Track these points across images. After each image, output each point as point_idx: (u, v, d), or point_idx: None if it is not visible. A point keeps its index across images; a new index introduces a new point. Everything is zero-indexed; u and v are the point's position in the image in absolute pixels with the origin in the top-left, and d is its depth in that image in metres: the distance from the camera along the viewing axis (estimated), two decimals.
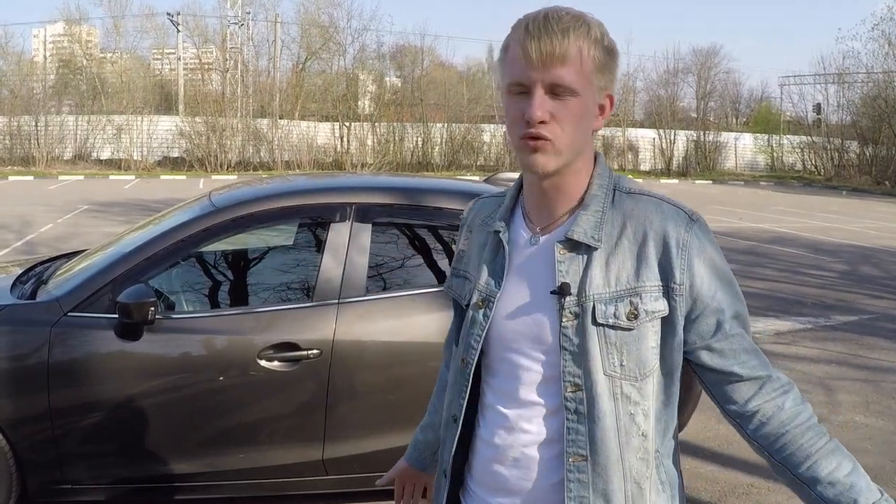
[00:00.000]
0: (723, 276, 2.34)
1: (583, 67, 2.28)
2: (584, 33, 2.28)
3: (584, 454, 2.31)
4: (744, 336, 2.35)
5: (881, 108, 54.04)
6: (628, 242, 2.33)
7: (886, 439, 8.17)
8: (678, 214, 2.34)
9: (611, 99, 2.39)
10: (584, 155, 2.39)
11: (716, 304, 2.32)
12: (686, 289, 2.30)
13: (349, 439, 5.87)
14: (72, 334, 5.60)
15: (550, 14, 2.29)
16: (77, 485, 5.73)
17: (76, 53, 58.90)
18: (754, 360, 2.35)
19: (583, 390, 2.32)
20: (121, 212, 25.83)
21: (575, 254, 2.35)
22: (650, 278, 2.30)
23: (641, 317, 2.30)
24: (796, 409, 2.36)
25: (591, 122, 2.35)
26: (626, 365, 2.31)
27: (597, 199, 2.37)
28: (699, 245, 2.31)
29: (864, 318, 13.53)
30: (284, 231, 7.06)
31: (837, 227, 27.26)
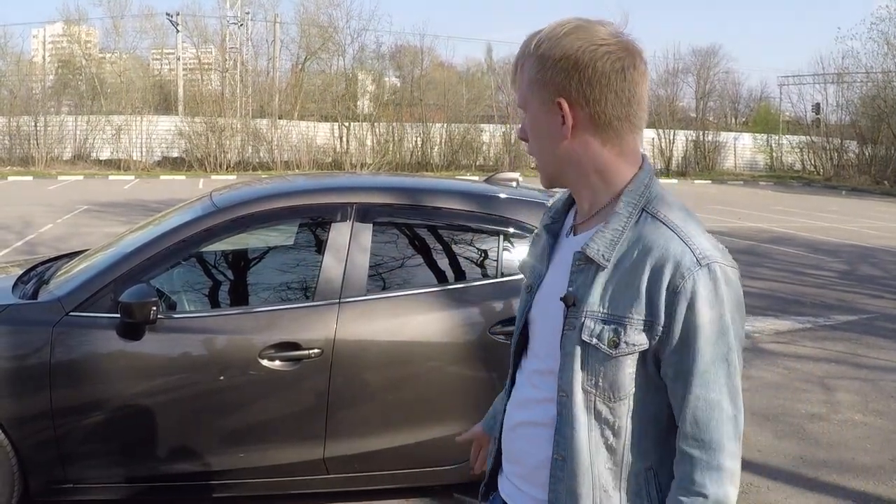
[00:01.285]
0: (700, 334, 2.26)
1: (522, 85, 2.45)
2: (522, 53, 2.43)
3: (563, 455, 2.43)
4: (703, 402, 2.29)
5: (880, 107, 54.04)
6: (631, 268, 2.33)
7: (885, 438, 8.20)
8: (683, 256, 2.28)
9: (560, 105, 2.37)
10: (576, 168, 2.44)
11: (683, 355, 2.29)
12: (664, 332, 2.29)
13: (350, 438, 5.89)
14: (74, 334, 5.62)
15: (521, 45, 2.46)
16: (79, 484, 5.75)
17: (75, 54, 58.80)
18: (701, 433, 2.29)
19: (566, 397, 2.41)
20: (121, 212, 25.84)
21: (587, 267, 2.40)
22: (638, 311, 2.31)
23: (621, 347, 2.32)
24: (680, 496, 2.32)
25: (548, 133, 2.43)
26: (601, 385, 2.37)
27: (618, 218, 2.38)
28: (691, 294, 2.25)
29: (864, 318, 13.56)
30: (285, 231, 7.08)
31: (837, 227, 27.27)
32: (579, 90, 2.35)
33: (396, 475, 6.11)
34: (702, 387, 2.27)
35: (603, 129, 2.38)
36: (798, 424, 8.50)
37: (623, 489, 2.41)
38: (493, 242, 6.32)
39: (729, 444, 2.28)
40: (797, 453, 7.76)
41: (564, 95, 2.36)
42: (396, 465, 6.02)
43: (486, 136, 53.97)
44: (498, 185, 7.06)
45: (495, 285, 6.18)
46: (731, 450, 2.29)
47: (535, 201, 6.61)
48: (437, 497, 6.51)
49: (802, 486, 7.07)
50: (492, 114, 57.70)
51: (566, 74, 2.34)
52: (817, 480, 7.18)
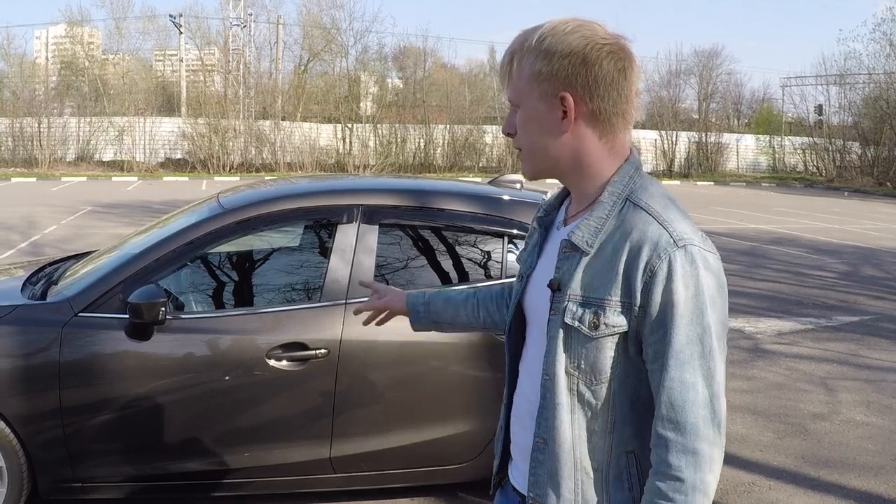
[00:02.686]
0: (676, 314, 2.30)
1: (518, 80, 2.51)
2: (519, 47, 2.50)
3: (545, 437, 2.50)
4: (677, 383, 2.31)
5: (883, 109, 54.00)
6: (611, 253, 2.39)
7: (887, 438, 8.24)
8: (660, 237, 2.34)
9: (565, 99, 2.44)
10: (572, 161, 2.52)
11: (660, 335, 2.32)
12: (641, 312, 2.34)
13: (356, 438, 5.93)
14: (82, 334, 5.67)
15: (512, 40, 2.55)
16: (87, 483, 5.79)
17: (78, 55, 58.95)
18: (676, 415, 2.31)
19: (549, 379, 2.49)
20: (125, 213, 25.88)
21: (572, 254, 2.47)
22: (616, 293, 2.36)
23: (601, 329, 2.38)
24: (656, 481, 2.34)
25: (545, 127, 2.49)
26: (583, 367, 2.43)
27: (603, 206, 2.45)
28: (666, 274, 2.30)
29: (866, 319, 13.58)
30: (292, 232, 7.13)
31: (839, 228, 27.27)
32: (585, 86, 2.42)
33: (402, 474, 6.15)
34: (676, 368, 2.30)
35: (601, 124, 2.47)
36: (800, 424, 8.55)
37: (604, 472, 2.46)
38: (497, 244, 6.36)
39: (705, 428, 2.30)
40: (799, 453, 7.80)
41: (569, 90, 2.43)
42: (402, 464, 6.06)
43: (488, 137, 53.96)
44: (502, 187, 7.10)
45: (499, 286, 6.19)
46: (708, 435, 2.30)
47: (538, 203, 6.65)
48: (442, 496, 6.55)
49: (804, 485, 7.11)
50: (494, 115, 57.67)
51: (573, 70, 2.41)
52: (819, 480, 7.22)
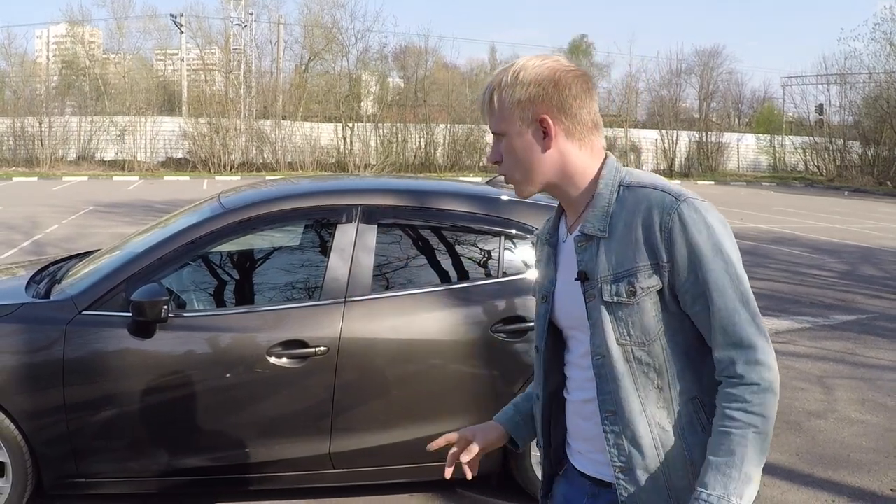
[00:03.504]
0: (702, 256, 2.57)
1: (502, 112, 2.78)
2: (497, 83, 2.78)
3: (612, 409, 2.70)
4: (723, 311, 2.56)
5: (883, 108, 54.03)
6: (625, 230, 2.65)
7: (881, 435, 8.30)
8: (663, 199, 2.63)
9: (543, 121, 2.72)
10: (561, 172, 2.79)
11: (692, 279, 2.58)
12: (670, 265, 2.60)
13: (355, 434, 6.00)
14: (86, 332, 5.74)
15: (490, 79, 2.83)
16: (90, 478, 5.86)
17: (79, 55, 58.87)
18: (731, 337, 2.55)
19: (603, 357, 2.69)
20: (126, 212, 25.93)
21: (589, 245, 2.73)
22: (642, 259, 2.62)
23: (638, 293, 2.62)
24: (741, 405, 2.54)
25: (528, 150, 2.77)
26: (633, 333, 2.65)
27: (602, 197, 2.73)
28: (680, 226, 2.57)
29: (863, 318, 13.63)
30: (292, 232, 7.20)
31: (839, 228, 27.31)
32: (560, 106, 2.73)
33: (401, 470, 6.21)
34: (718, 298, 2.56)
35: (577, 137, 2.77)
36: (795, 422, 8.61)
37: (676, 422, 2.67)
38: (494, 243, 6.43)
39: (759, 341, 2.55)
40: (794, 450, 7.86)
41: (547, 112, 2.72)
42: (401, 460, 6.12)
43: (489, 136, 53.80)
44: (499, 188, 7.15)
45: (497, 285, 6.29)
46: (763, 346, 2.55)
47: (535, 203, 6.72)
48: (441, 492, 6.62)
49: (798, 482, 7.16)
50: None
51: (547, 94, 2.71)
52: (813, 476, 7.28)
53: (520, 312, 6.14)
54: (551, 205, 6.76)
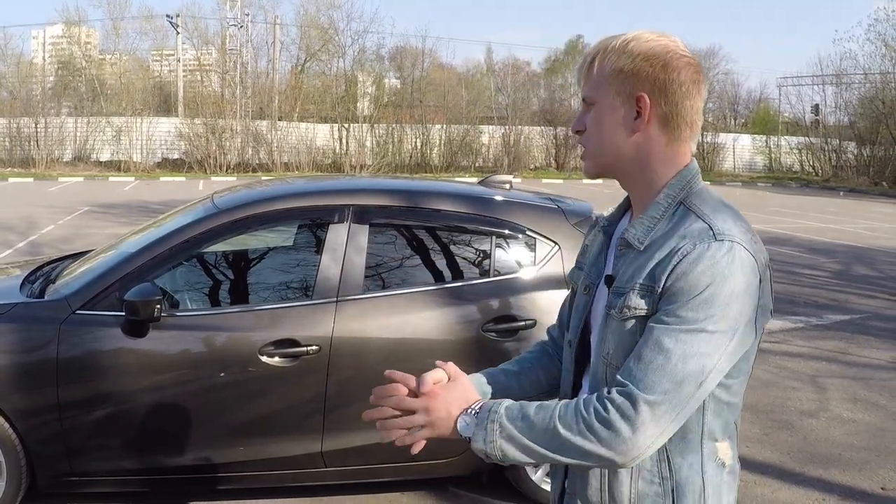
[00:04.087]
0: (693, 299, 2.29)
1: (593, 78, 2.53)
2: (604, 48, 2.53)
3: None
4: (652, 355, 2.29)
5: (878, 109, 54.14)
6: (655, 249, 2.41)
7: (872, 434, 8.35)
8: (702, 231, 2.34)
9: (640, 99, 2.46)
10: (634, 161, 2.54)
11: (661, 308, 2.33)
12: (661, 292, 2.34)
13: (347, 432, 6.02)
14: (80, 331, 5.76)
15: (595, 44, 2.61)
16: (84, 477, 5.89)
17: (75, 55, 58.74)
18: (639, 372, 2.30)
19: (594, 369, 2.55)
20: (122, 213, 25.95)
21: (626, 251, 2.52)
22: (642, 277, 2.39)
23: (624, 311, 2.41)
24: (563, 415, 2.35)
25: (615, 126, 2.51)
26: (613, 355, 2.45)
27: (657, 207, 2.49)
28: (695, 258, 2.29)
29: (856, 318, 13.68)
30: (285, 232, 7.23)
31: (833, 228, 27.37)
32: (663, 89, 2.47)
33: (393, 468, 6.24)
34: (663, 334, 2.30)
35: (671, 130, 2.50)
36: (787, 421, 8.65)
37: (633, 469, 2.45)
38: (487, 243, 6.46)
39: (653, 395, 2.27)
40: (785, 448, 7.90)
41: (647, 91, 2.46)
42: (392, 458, 6.14)
43: (485, 137, 54.11)
44: (492, 188, 7.19)
45: (489, 285, 6.32)
46: (654, 401, 2.27)
47: (528, 203, 6.77)
48: (433, 490, 6.66)
49: (789, 480, 7.20)
50: (491, 115, 57.76)
51: (654, 72, 2.46)
52: (804, 475, 7.32)
53: (511, 312, 6.17)
54: (546, 205, 6.80)
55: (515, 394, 2.75)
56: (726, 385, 2.44)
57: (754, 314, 2.38)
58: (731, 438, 2.57)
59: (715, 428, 2.49)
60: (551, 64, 74.49)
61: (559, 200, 7.03)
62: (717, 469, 2.51)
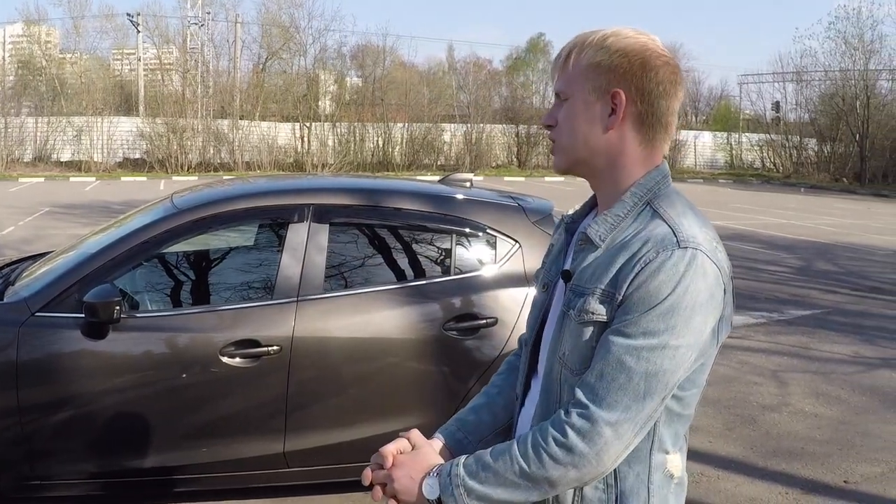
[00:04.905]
0: (650, 308, 2.26)
1: (569, 72, 2.49)
2: (580, 42, 2.49)
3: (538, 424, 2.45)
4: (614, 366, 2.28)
5: (839, 106, 54.46)
6: (617, 250, 2.37)
7: (834, 428, 8.41)
8: (666, 236, 2.31)
9: (616, 95, 2.43)
10: (606, 157, 2.50)
11: (621, 320, 2.30)
12: (622, 300, 2.30)
13: (310, 432, 6.01)
14: (39, 333, 5.71)
15: (572, 38, 2.55)
16: (47, 481, 5.83)
17: (35, 54, 58.37)
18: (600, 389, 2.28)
19: (549, 368, 2.51)
20: (83, 213, 25.78)
21: (586, 247, 2.48)
22: (603, 282, 2.34)
23: (582, 315, 2.37)
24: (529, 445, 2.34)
25: (589, 121, 2.48)
26: (569, 356, 2.41)
27: (622, 206, 2.46)
28: (656, 267, 2.26)
29: (818, 313, 13.79)
30: (245, 231, 7.20)
31: (795, 224, 27.56)
32: (640, 87, 2.44)
33: (356, 468, 6.20)
34: (625, 352, 2.26)
35: (645, 129, 2.48)
36: (749, 415, 8.69)
37: None
38: (447, 241, 6.46)
39: (615, 415, 2.26)
40: (748, 443, 7.94)
41: (623, 87, 2.43)
42: (356, 458, 6.10)
43: (447, 135, 54.14)
44: (453, 186, 7.19)
45: (449, 283, 6.30)
46: (615, 421, 2.26)
47: (488, 201, 6.76)
48: None
49: (753, 474, 7.24)
50: (453, 113, 57.77)
51: (631, 69, 2.43)
52: (767, 469, 7.36)
53: (472, 310, 6.17)
54: (506, 203, 6.80)
55: (488, 427, 2.80)
56: (679, 397, 2.41)
57: (717, 325, 2.38)
58: (681, 451, 2.55)
59: (665, 439, 2.46)
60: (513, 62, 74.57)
61: (520, 198, 7.03)
62: (665, 480, 2.48)
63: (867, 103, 52.83)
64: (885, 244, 23.02)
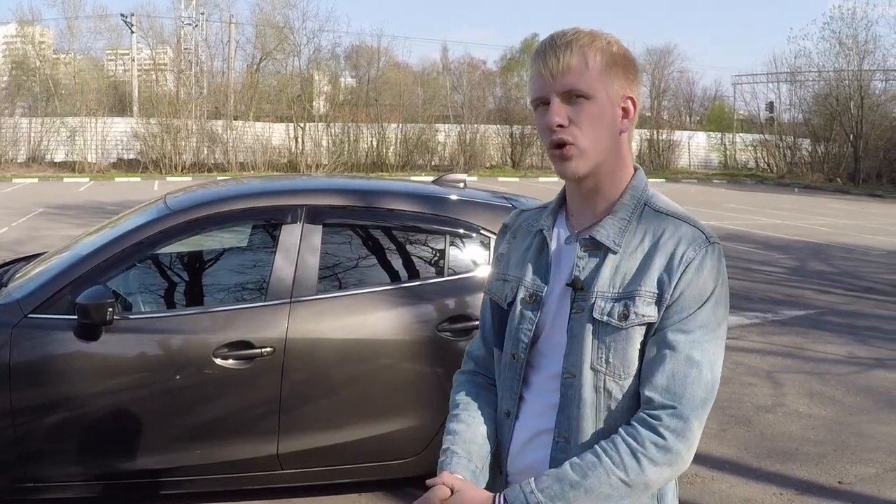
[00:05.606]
0: (704, 302, 2.41)
1: (590, 72, 2.46)
2: (587, 43, 2.47)
3: (567, 436, 2.51)
4: (684, 362, 2.38)
5: (832, 106, 54.51)
6: (641, 253, 2.47)
7: (829, 428, 8.41)
8: (694, 234, 2.46)
9: (632, 101, 2.52)
10: (616, 159, 2.54)
11: (678, 319, 2.41)
12: (671, 299, 2.41)
13: (303, 434, 6.00)
14: (32, 335, 5.69)
15: (555, 34, 2.52)
16: (40, 483, 5.81)
17: (29, 55, 58.24)
18: (676, 388, 2.38)
19: (573, 378, 2.49)
20: (77, 214, 25.74)
21: (594, 253, 2.52)
22: (648, 285, 2.42)
23: (631, 318, 2.42)
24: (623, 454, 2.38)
25: (611, 123, 2.50)
26: (612, 363, 2.45)
27: (625, 208, 2.53)
28: (699, 266, 2.41)
29: (811, 313, 13.81)
30: (238, 232, 7.19)
31: (789, 224, 27.58)
32: (637, 90, 2.55)
33: (349, 470, 6.22)
34: (690, 347, 2.39)
35: (632, 130, 2.59)
36: (744, 416, 8.69)
37: None
38: (441, 242, 6.45)
39: (698, 409, 2.39)
40: (742, 444, 7.94)
41: (632, 91, 2.53)
42: (349, 459, 6.13)
43: (441, 136, 54.13)
44: (446, 187, 7.18)
45: (443, 284, 6.31)
46: (699, 415, 2.40)
47: (482, 202, 6.76)
48: (389, 491, 6.63)
49: (747, 475, 7.23)
50: (447, 114, 57.75)
51: (634, 73, 2.54)
52: (761, 470, 7.35)
53: (466, 311, 6.15)
54: (500, 204, 6.79)
55: (486, 452, 2.73)
56: None
57: None
58: None
59: None
60: (507, 62, 74.63)
61: (513, 199, 7.03)
62: None
63: (861, 103, 52.91)
64: (880, 244, 23.07)
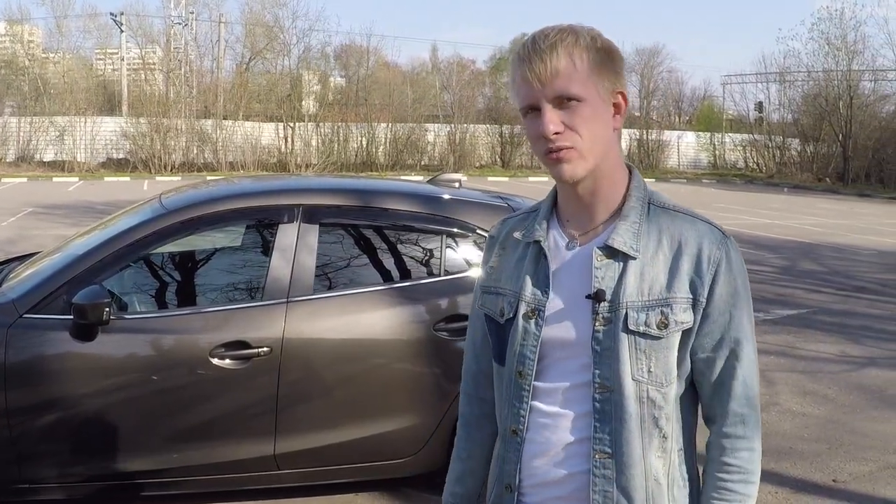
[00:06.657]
0: (739, 298, 2.44)
1: (579, 73, 2.37)
2: (572, 42, 2.38)
3: (609, 452, 2.42)
4: (748, 363, 2.45)
5: (821, 106, 54.62)
6: (663, 256, 2.42)
7: (823, 427, 8.44)
8: (712, 232, 2.46)
9: (623, 96, 2.46)
10: (612, 159, 2.48)
11: (723, 321, 2.43)
12: (706, 304, 2.40)
13: (299, 434, 5.99)
14: (28, 335, 5.68)
15: (537, 35, 2.41)
16: (34, 484, 5.80)
17: (18, 54, 58.10)
18: (749, 391, 2.46)
19: (610, 392, 2.41)
20: (67, 214, 25.68)
21: (612, 261, 2.43)
22: (681, 290, 2.39)
23: (671, 326, 2.39)
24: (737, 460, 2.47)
25: (606, 122, 2.43)
26: (654, 372, 2.41)
27: (635, 211, 2.46)
28: (727, 264, 2.42)
29: (803, 312, 13.82)
30: (234, 232, 7.18)
31: (779, 224, 27.61)
32: (625, 86, 2.49)
33: (346, 470, 6.22)
34: (748, 346, 2.45)
35: (620, 127, 2.53)
36: None
37: (670, 476, 2.47)
38: (436, 242, 6.45)
39: (758, 399, 2.51)
40: None
41: (621, 87, 2.47)
42: (346, 459, 6.13)
43: (430, 135, 54.10)
44: (441, 186, 7.17)
45: (439, 283, 6.31)
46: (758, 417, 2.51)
47: (477, 202, 6.76)
48: (386, 490, 6.62)
49: None
50: (436, 113, 57.72)
51: (621, 68, 2.47)
52: None
53: (462, 311, 6.14)
54: (495, 203, 6.79)
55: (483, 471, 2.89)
56: None
57: None
58: None
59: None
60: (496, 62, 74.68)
61: (508, 198, 7.03)
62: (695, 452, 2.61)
63: (850, 103, 52.98)
64: (869, 244, 23.11)
